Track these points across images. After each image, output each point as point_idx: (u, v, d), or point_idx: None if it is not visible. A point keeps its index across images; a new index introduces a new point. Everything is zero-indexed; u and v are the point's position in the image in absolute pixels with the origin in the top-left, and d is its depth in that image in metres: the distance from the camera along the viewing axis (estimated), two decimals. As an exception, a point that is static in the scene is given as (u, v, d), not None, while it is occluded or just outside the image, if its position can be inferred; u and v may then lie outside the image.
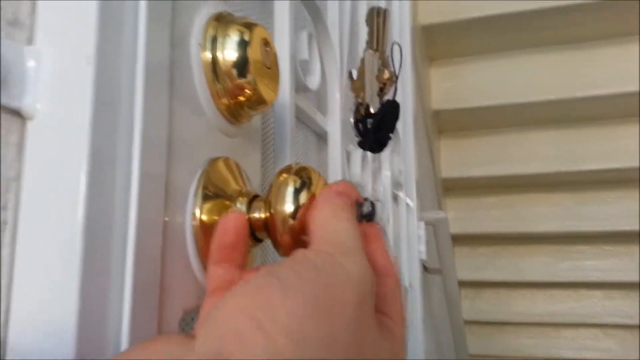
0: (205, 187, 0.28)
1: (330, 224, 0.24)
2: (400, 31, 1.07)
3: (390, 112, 0.29)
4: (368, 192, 0.68)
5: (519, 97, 1.62)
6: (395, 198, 0.92)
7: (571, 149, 1.69)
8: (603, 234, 1.76)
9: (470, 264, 1.90)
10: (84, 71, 0.22)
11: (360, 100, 0.31)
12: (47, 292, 0.21)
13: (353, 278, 0.20)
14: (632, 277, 1.74)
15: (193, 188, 0.27)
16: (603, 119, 1.67)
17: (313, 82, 0.49)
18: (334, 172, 0.57)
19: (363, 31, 0.58)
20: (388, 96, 0.30)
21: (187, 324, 0.29)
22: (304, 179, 0.28)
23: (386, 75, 0.31)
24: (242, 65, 0.30)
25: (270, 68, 0.32)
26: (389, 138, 0.29)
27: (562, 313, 1.87)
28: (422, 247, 1.03)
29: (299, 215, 0.27)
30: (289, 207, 0.27)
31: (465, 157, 1.80)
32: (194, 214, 0.27)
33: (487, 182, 1.80)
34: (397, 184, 0.91)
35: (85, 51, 0.22)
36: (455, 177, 1.80)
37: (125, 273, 0.22)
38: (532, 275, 1.86)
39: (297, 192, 0.27)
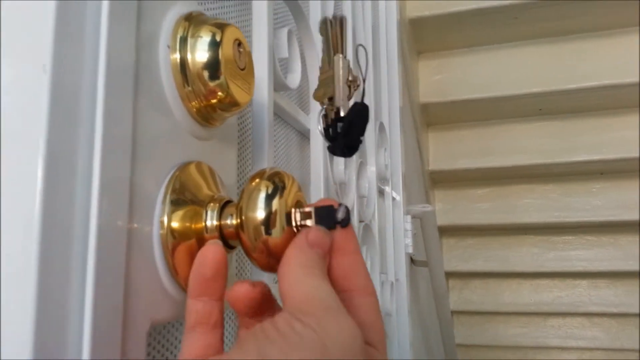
0: (174, 193, 0.27)
1: (304, 283, 0.23)
2: (386, 25, 1.06)
3: (359, 114, 0.28)
4: (352, 189, 0.68)
5: (507, 90, 1.62)
6: (382, 192, 0.92)
7: (558, 141, 1.70)
8: (588, 224, 1.78)
9: (458, 255, 1.91)
10: (40, 80, 0.21)
11: (325, 107, 0.30)
12: (2, 304, 0.20)
13: (342, 343, 0.21)
14: (617, 267, 1.77)
15: (161, 194, 0.27)
16: (591, 110, 1.68)
17: (294, 80, 0.48)
18: (317, 170, 0.56)
19: (348, 28, 0.57)
20: (355, 99, 0.30)
21: (159, 332, 0.29)
22: (277, 184, 0.27)
23: (351, 78, 0.30)
24: (213, 67, 0.29)
25: (244, 69, 0.31)
26: (360, 141, 0.29)
27: (548, 302, 1.89)
28: (409, 241, 1.03)
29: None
30: (260, 214, 0.27)
31: (453, 150, 1.81)
32: (161, 222, 0.26)
33: (474, 174, 1.81)
34: (383, 179, 0.90)
35: (41, 59, 0.21)
36: (443, 170, 1.81)
37: (86, 283, 0.21)
38: (519, 265, 1.88)
39: (269, 198, 0.27)
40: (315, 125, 0.56)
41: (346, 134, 0.28)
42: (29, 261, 0.20)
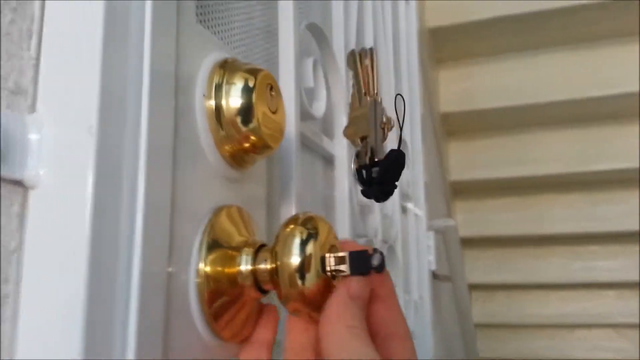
0: (209, 239, 0.28)
1: (349, 347, 0.24)
2: (407, 35, 1.06)
3: (396, 161, 0.28)
4: (376, 210, 0.68)
5: (528, 98, 1.61)
6: (404, 209, 0.92)
7: (582, 150, 1.68)
8: (614, 234, 1.74)
9: (481, 267, 1.89)
10: (86, 141, 0.21)
11: (360, 147, 0.30)
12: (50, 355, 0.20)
13: None
14: (642, 277, 1.73)
15: (197, 241, 0.27)
16: (615, 118, 1.65)
17: (319, 109, 0.49)
18: (342, 194, 0.56)
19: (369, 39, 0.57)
20: (390, 144, 0.30)
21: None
22: (310, 230, 0.28)
23: (384, 120, 0.30)
24: (246, 113, 0.29)
25: (276, 112, 0.32)
26: (395, 187, 0.29)
27: (574, 314, 1.86)
28: (432, 257, 1.03)
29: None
30: (295, 260, 0.27)
31: (474, 160, 1.79)
32: (197, 270, 0.27)
33: (496, 184, 1.79)
34: (405, 195, 0.90)
35: (88, 121, 0.21)
36: (465, 180, 1.79)
37: (128, 332, 0.22)
38: (543, 276, 1.85)
39: (303, 243, 0.27)
40: (339, 152, 0.56)
41: (381, 180, 0.28)
42: (74, 332, 0.20)
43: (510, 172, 1.73)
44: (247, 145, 0.30)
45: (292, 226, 0.28)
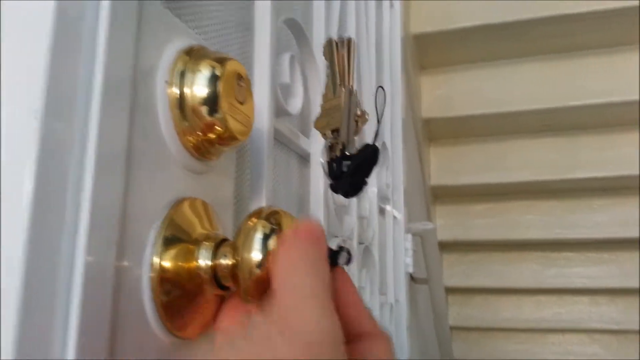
0: (167, 233, 0.26)
1: (287, 276, 0.22)
2: (390, 39, 1.06)
3: (369, 157, 0.28)
4: (352, 211, 0.67)
5: (510, 106, 1.62)
6: (382, 211, 0.91)
7: (560, 157, 1.70)
8: (589, 241, 1.77)
9: (459, 271, 1.90)
10: (30, 126, 0.20)
11: (331, 140, 0.29)
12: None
13: (296, 334, 0.19)
14: (618, 284, 1.75)
15: (153, 233, 0.26)
16: (592, 127, 1.67)
17: (295, 105, 0.48)
18: (317, 194, 0.55)
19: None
20: (363, 137, 0.29)
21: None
22: (274, 224, 0.27)
23: (359, 113, 0.29)
24: (211, 102, 0.28)
25: (244, 103, 0.31)
26: (365, 183, 0.28)
27: (548, 319, 1.88)
28: (409, 260, 1.02)
29: (266, 263, 0.26)
30: (256, 255, 0.26)
31: (455, 165, 1.80)
32: (152, 264, 0.25)
33: (476, 189, 1.80)
34: (384, 198, 0.90)
35: (33, 105, 0.20)
36: (445, 185, 1.80)
37: (69, 326, 0.21)
38: (519, 281, 1.87)
39: (265, 238, 0.26)
40: (315, 150, 0.55)
41: (352, 174, 0.27)
42: (10, 298, 0.19)
43: (489, 178, 1.74)
44: (212, 136, 0.29)
45: (254, 220, 0.27)
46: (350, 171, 0.27)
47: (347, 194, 0.27)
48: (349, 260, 0.25)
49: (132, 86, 0.25)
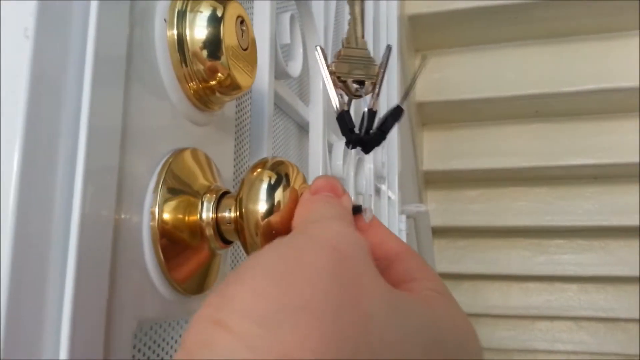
0: (167, 182, 0.25)
1: (310, 210, 0.21)
2: (387, 22, 1.04)
3: (395, 117, 0.26)
4: (350, 186, 0.66)
5: (504, 91, 1.61)
6: (378, 191, 0.90)
7: (553, 144, 1.70)
8: (580, 228, 1.77)
9: (449, 256, 1.90)
10: (21, 45, 0.18)
11: (359, 90, 0.27)
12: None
13: (322, 242, 0.17)
14: (607, 272, 1.76)
15: (153, 182, 0.24)
16: (587, 114, 1.67)
17: (295, 68, 0.46)
18: (315, 165, 0.54)
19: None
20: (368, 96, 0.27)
21: (145, 334, 0.26)
22: (280, 174, 0.25)
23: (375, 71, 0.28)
24: (213, 45, 0.26)
25: (247, 49, 0.29)
26: (384, 139, 0.26)
27: (537, 306, 1.89)
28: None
29: (278, 217, 0.24)
30: (262, 206, 0.24)
31: (447, 150, 1.79)
32: (152, 212, 0.24)
33: (468, 175, 1.80)
34: (379, 177, 0.88)
35: (24, 22, 0.18)
36: (437, 170, 1.79)
37: (66, 277, 0.19)
38: (509, 268, 1.87)
39: (271, 189, 0.24)
40: (314, 119, 0.53)
41: (383, 129, 0.25)
42: (1, 253, 0.17)
43: (482, 163, 1.74)
44: (213, 83, 0.27)
45: (259, 170, 0.25)
46: (379, 129, 0.25)
47: (366, 149, 0.26)
48: (358, 206, 0.24)
49: (129, 26, 0.23)
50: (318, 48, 0.25)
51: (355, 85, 0.28)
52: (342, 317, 0.15)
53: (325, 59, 0.25)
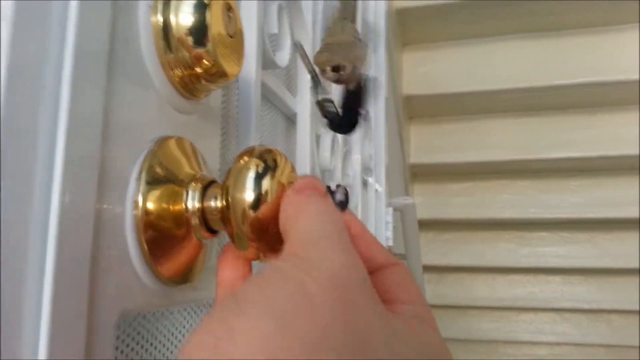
0: (151, 170, 0.24)
1: (300, 219, 0.21)
2: (375, 14, 1.04)
3: (365, 88, 0.26)
4: (337, 177, 0.65)
5: (491, 84, 1.62)
6: (365, 183, 0.90)
7: (539, 137, 1.71)
8: (564, 220, 1.79)
9: (435, 249, 1.91)
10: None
11: (330, 77, 0.27)
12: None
13: (329, 281, 0.17)
14: (592, 264, 1.79)
15: (135, 171, 0.24)
16: (572, 107, 1.68)
17: (282, 58, 0.45)
18: (303, 156, 0.53)
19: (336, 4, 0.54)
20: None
21: (129, 325, 0.26)
22: (268, 162, 0.25)
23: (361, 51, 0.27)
24: (199, 32, 0.26)
25: (233, 37, 0.28)
26: (360, 115, 0.26)
27: (521, 298, 1.91)
28: (390, 234, 1.02)
29: (263, 208, 0.24)
30: (249, 195, 0.24)
31: (434, 143, 1.80)
32: (135, 201, 0.23)
33: (454, 168, 1.81)
34: (366, 169, 0.88)
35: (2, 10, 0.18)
36: (424, 163, 1.80)
37: (45, 270, 0.19)
38: (494, 260, 1.89)
39: (259, 177, 0.24)
40: (302, 110, 0.53)
41: (350, 107, 0.25)
42: None
43: (467, 157, 1.75)
44: (199, 70, 0.27)
45: (246, 158, 0.25)
46: (352, 106, 0.25)
47: (347, 130, 0.26)
48: (346, 197, 0.24)
49: (112, 11, 0.23)
50: (298, 44, 0.25)
51: (334, 73, 0.28)
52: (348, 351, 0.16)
53: (304, 53, 0.25)
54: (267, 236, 0.23)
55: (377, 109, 0.98)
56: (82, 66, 0.20)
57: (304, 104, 0.52)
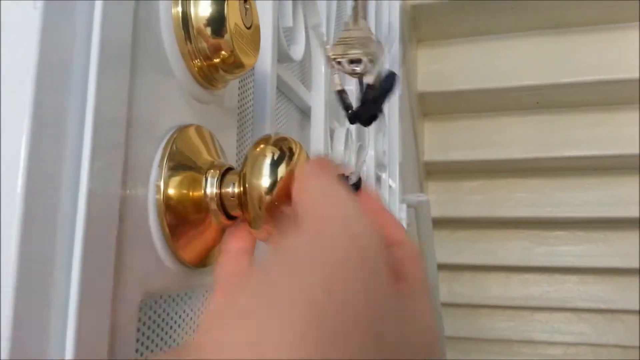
0: (172, 157, 0.25)
1: (320, 199, 0.21)
2: (389, 10, 1.04)
3: (391, 85, 0.26)
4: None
5: (504, 82, 1.61)
6: (378, 179, 0.90)
7: (553, 135, 1.70)
8: (579, 219, 1.77)
9: (449, 247, 1.91)
10: (31, 17, 0.18)
11: (348, 68, 0.28)
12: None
13: (349, 246, 0.17)
14: (607, 263, 1.77)
15: (158, 157, 0.24)
16: (587, 105, 1.67)
17: (297, 52, 0.46)
18: (316, 150, 0.54)
19: (350, 4, 0.55)
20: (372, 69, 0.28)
21: (150, 307, 0.27)
22: (284, 150, 0.25)
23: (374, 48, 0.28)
24: (217, 23, 0.27)
25: (250, 28, 0.29)
26: (379, 109, 0.27)
27: (536, 297, 1.89)
28: (403, 230, 1.02)
29: (277, 191, 0.24)
30: (265, 182, 0.25)
31: (448, 141, 1.79)
32: (157, 187, 0.24)
33: (468, 166, 1.80)
34: (380, 165, 0.88)
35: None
36: (438, 161, 1.79)
37: (74, 251, 0.19)
38: (508, 259, 1.87)
39: (275, 164, 0.25)
40: (316, 103, 0.54)
41: (375, 102, 0.26)
42: (10, 228, 0.18)
43: (482, 154, 1.74)
44: (217, 60, 0.27)
45: (262, 146, 0.25)
46: (374, 99, 0.26)
47: (367, 123, 0.26)
48: (359, 180, 0.24)
49: (136, 2, 0.23)
50: (315, 31, 0.25)
51: (351, 66, 0.28)
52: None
53: (323, 42, 0.25)
54: (281, 220, 0.24)
55: (390, 104, 0.99)
56: (107, 57, 0.21)
57: (318, 97, 0.53)
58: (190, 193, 0.26)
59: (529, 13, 1.52)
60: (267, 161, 0.25)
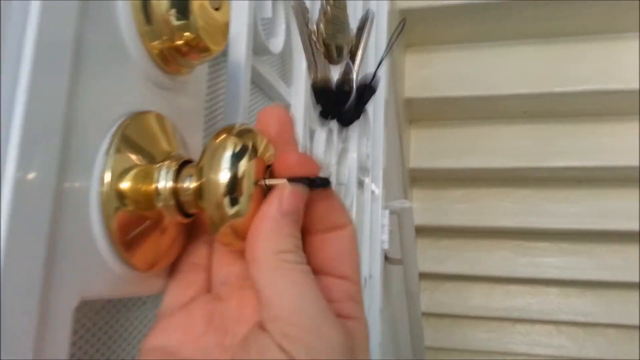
0: (121, 146, 0.22)
1: (286, 291, 0.20)
2: (377, 14, 1.02)
3: (371, 88, 0.24)
4: (331, 176, 0.64)
5: (493, 89, 1.60)
6: (361, 184, 0.88)
7: (540, 145, 1.69)
8: (564, 231, 1.77)
9: (432, 256, 1.89)
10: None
11: (336, 60, 0.25)
12: None
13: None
14: (589, 276, 1.77)
15: (105, 145, 0.22)
16: (574, 116, 1.67)
17: (276, 44, 0.44)
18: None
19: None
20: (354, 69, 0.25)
21: (91, 309, 0.24)
22: (246, 143, 0.23)
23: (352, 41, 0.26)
24: (181, 2, 0.24)
25: (219, 9, 0.27)
26: (362, 110, 0.25)
27: (518, 308, 1.89)
28: (385, 237, 1.00)
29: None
30: (224, 176, 0.22)
31: (434, 148, 1.78)
32: (102, 178, 0.21)
33: (454, 174, 1.79)
34: (363, 169, 0.86)
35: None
36: (423, 168, 1.78)
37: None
38: (491, 269, 1.86)
39: (235, 158, 0.22)
40: (296, 101, 0.51)
41: (357, 104, 0.23)
42: None
43: (468, 163, 1.73)
44: (180, 43, 0.25)
45: (224, 136, 0.23)
46: (355, 101, 0.24)
47: (347, 122, 0.24)
48: (324, 181, 0.22)
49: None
50: (294, 3, 0.23)
51: (336, 56, 0.26)
52: None
53: (305, 16, 0.23)
54: (240, 235, 0.22)
55: (376, 109, 0.97)
56: (47, 28, 0.19)
57: (298, 94, 0.50)
58: (141, 186, 0.23)
59: (523, 22, 1.51)
60: (227, 154, 0.22)
